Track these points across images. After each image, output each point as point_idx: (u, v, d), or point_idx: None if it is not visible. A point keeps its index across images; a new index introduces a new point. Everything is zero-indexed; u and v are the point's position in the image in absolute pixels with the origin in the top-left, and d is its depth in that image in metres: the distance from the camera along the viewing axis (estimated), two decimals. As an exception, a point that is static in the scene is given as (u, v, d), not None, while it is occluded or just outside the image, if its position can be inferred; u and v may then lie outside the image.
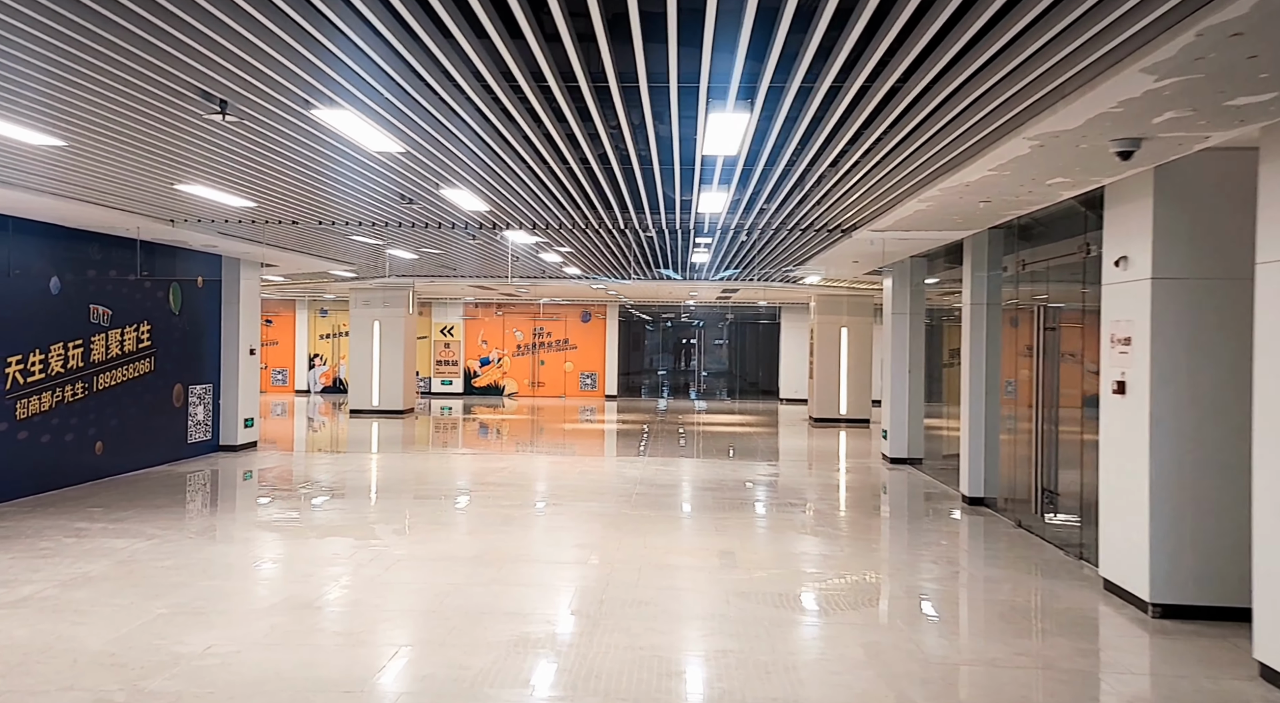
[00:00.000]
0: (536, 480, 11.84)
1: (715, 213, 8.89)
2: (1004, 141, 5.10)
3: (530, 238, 10.92)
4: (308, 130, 5.74)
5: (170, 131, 5.82)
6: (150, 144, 6.15)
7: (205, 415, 13.21)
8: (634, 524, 8.90)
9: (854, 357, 21.18)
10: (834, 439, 17.96)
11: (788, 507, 10.18)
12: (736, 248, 12.00)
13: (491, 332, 28.08)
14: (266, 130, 5.70)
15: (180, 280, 12.42)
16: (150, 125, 5.64)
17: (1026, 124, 4.73)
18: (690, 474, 12.49)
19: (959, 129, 5.17)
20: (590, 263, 14.67)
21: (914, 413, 13.94)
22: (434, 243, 11.77)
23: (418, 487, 11.20)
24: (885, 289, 14.43)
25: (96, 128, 5.68)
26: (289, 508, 9.67)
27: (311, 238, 11.34)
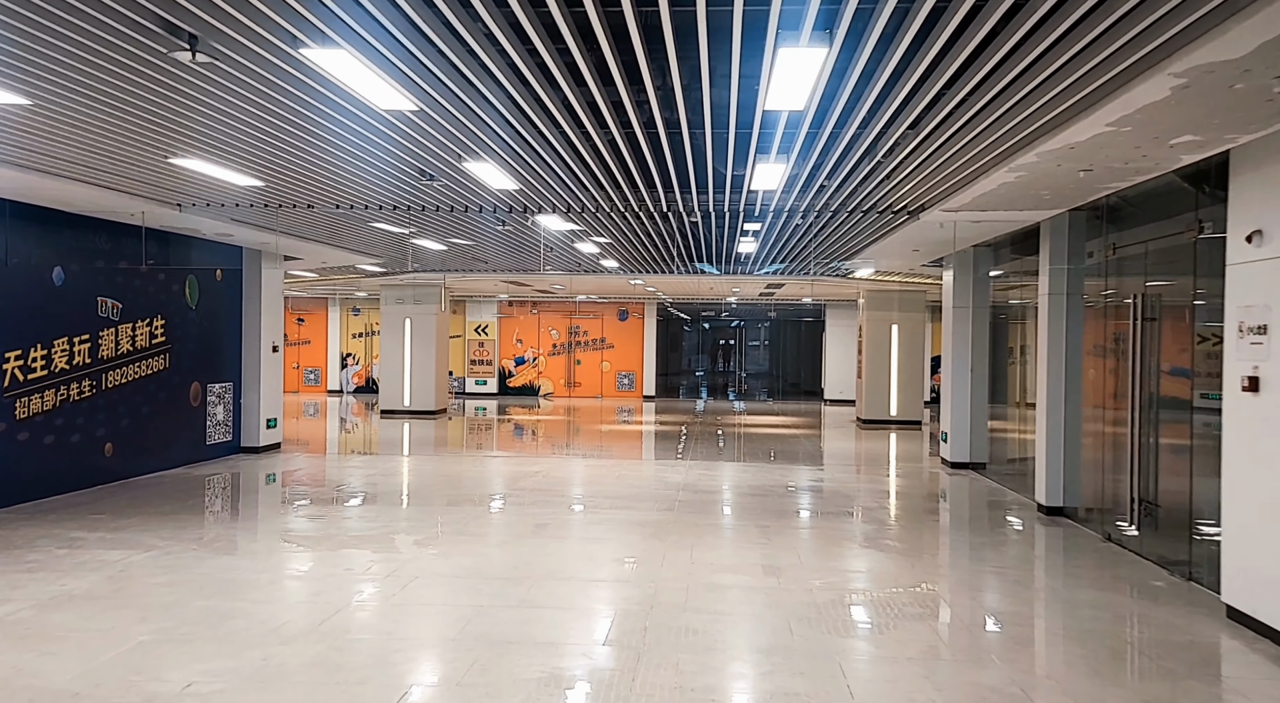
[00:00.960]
0: (572, 485, 11.04)
1: (770, 191, 8.03)
2: (1138, 83, 4.19)
3: (564, 224, 10.12)
4: (303, 81, 4.98)
5: (147, 87, 5.10)
6: (127, 104, 5.44)
7: (225, 415, 12.59)
8: (678, 535, 8.07)
9: (905, 355, 20.16)
10: (885, 442, 16.97)
11: (843, 516, 9.28)
12: (788, 236, 11.11)
13: (527, 330, 27.41)
14: (254, 79, 4.95)
15: (197, 273, 11.80)
16: (122, 78, 4.92)
17: (1176, 54, 3.82)
18: (735, 479, 11.62)
19: (1082, 68, 4.27)
20: (629, 255, 13.86)
21: (976, 414, 12.94)
22: (462, 232, 11.03)
23: (446, 492, 10.46)
24: (945, 282, 13.45)
25: (62, 81, 4.96)
26: (306, 516, 8.96)
27: (330, 225, 10.65)
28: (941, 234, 9.89)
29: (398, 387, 20.39)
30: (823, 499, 10.37)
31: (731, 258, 13.93)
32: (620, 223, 10.37)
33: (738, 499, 10.14)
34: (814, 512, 9.57)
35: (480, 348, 27.30)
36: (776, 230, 10.67)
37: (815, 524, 8.84)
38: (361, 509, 9.27)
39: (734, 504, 9.84)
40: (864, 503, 10.14)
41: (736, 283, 18.75)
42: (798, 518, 9.15)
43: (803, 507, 9.85)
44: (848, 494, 10.72)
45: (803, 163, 6.95)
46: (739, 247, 12.62)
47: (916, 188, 7.58)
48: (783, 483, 11.38)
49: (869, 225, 9.87)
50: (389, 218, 9.70)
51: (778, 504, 9.85)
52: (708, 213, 9.33)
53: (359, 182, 7.80)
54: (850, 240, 11.32)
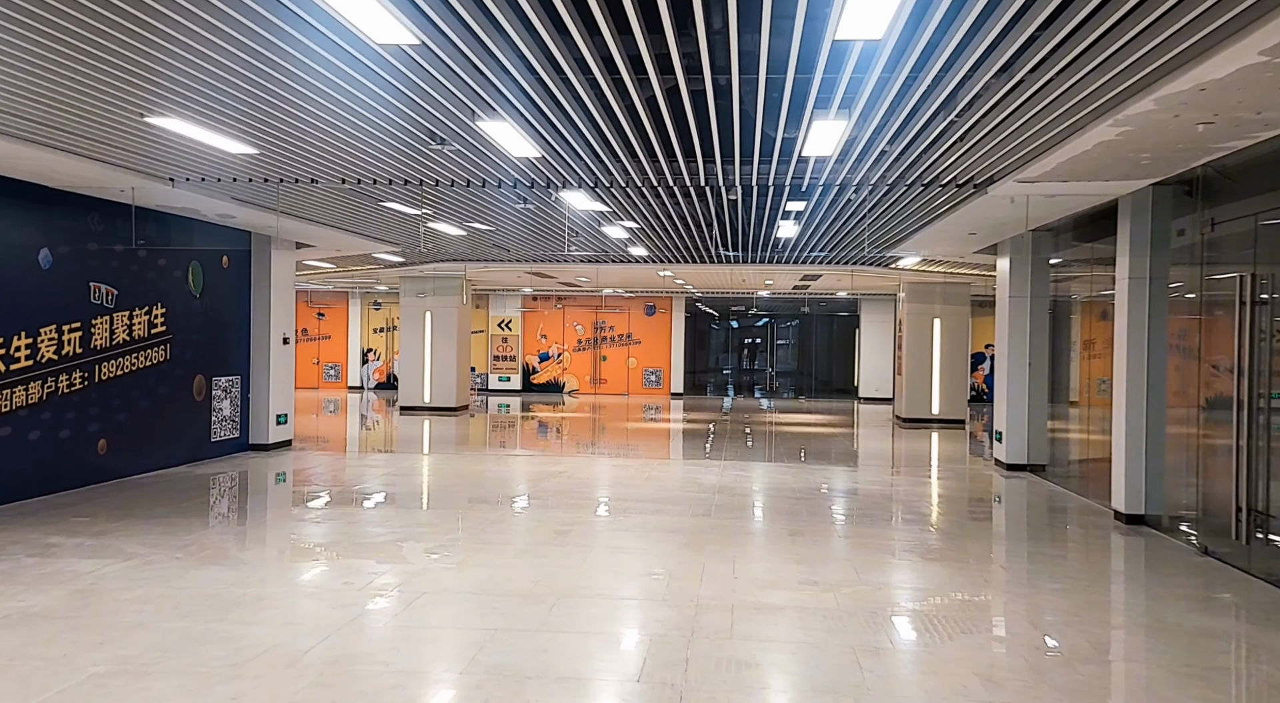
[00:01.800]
0: (598, 487, 10.22)
1: (823, 159, 7.15)
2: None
3: (591, 203, 9.28)
4: (290, 10, 4.18)
5: (111, 25, 4.32)
6: (91, 47, 4.67)
7: (232, 411, 11.89)
8: (716, 544, 7.22)
9: (948, 351, 19.18)
10: (930, 442, 16.01)
11: (898, 523, 8.38)
12: (834, 217, 10.20)
13: (551, 325, 26.65)
14: (233, 10, 4.15)
15: (201, 259, 11.10)
16: (83, 15, 4.15)
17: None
18: (773, 481, 10.74)
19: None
20: (659, 242, 13.01)
21: (1035, 412, 11.97)
22: (480, 213, 10.23)
23: (463, 493, 9.68)
24: (999, 271, 12.49)
25: (15, 23, 4.20)
26: (309, 520, 8.20)
27: (339, 206, 9.89)
28: (1006, 213, 8.96)
29: (418, 383, 19.68)
30: (872, 504, 9.47)
31: (769, 244, 13.03)
32: (652, 202, 9.52)
33: (779, 504, 9.27)
34: (864, 518, 8.68)
35: (503, 343, 26.57)
36: (823, 210, 9.77)
37: (869, 533, 7.95)
38: (372, 512, 8.50)
39: (776, 509, 8.97)
40: (918, 509, 9.23)
41: (771, 273, 17.86)
42: (848, 526, 8.27)
43: (851, 513, 8.96)
44: (899, 499, 9.81)
45: (866, 122, 6.07)
46: (778, 231, 11.73)
47: (992, 153, 6.66)
48: (826, 486, 10.49)
49: (927, 203, 8.96)
50: (400, 195, 8.92)
51: (823, 510, 8.97)
52: (749, 188, 8.46)
53: (363, 149, 7.01)
54: (903, 222, 10.40)
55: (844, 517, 8.71)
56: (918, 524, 8.39)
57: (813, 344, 31.08)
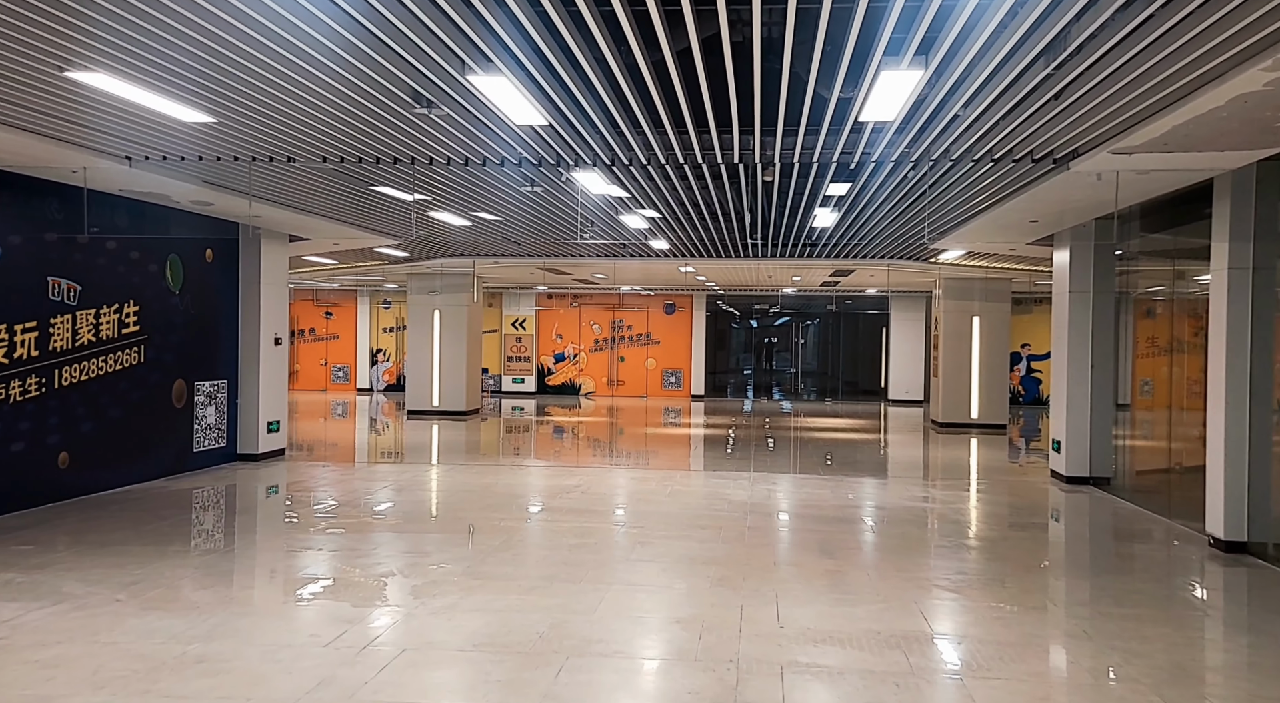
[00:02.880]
0: (616, 504, 9.17)
1: (882, 126, 6.06)
2: None
3: (606, 185, 8.22)
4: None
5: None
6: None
7: (218, 418, 10.92)
8: (754, 580, 6.15)
9: (987, 351, 18.03)
10: (972, 449, 14.85)
11: (959, 551, 7.28)
12: (880, 201, 9.09)
13: (567, 325, 25.63)
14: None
15: (181, 252, 10.12)
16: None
17: None
18: (810, 498, 9.65)
19: None
20: (681, 234, 11.95)
21: (1099, 419, 10.83)
22: (483, 199, 9.20)
23: (465, 513, 8.65)
24: (1057, 264, 11.34)
25: None
26: (285, 547, 7.19)
27: (327, 192, 8.89)
28: (1084, 195, 7.83)
29: (426, 385, 18.70)
30: (924, 526, 8.37)
31: (802, 236, 11.94)
32: (677, 185, 8.46)
33: (820, 526, 8.18)
34: (919, 545, 7.57)
35: (517, 343, 25.58)
36: (868, 195, 8.67)
37: (928, 565, 6.85)
38: (357, 538, 7.48)
39: (817, 533, 7.88)
40: (979, 532, 8.11)
41: (801, 269, 16.75)
42: (902, 555, 7.17)
43: (902, 537, 7.86)
44: (952, 519, 8.70)
45: (941, 76, 4.99)
46: (814, 220, 10.63)
47: (1092, 115, 5.55)
48: (870, 503, 9.40)
49: (993, 184, 7.84)
50: (391, 177, 7.89)
51: (871, 533, 7.88)
52: (788, 166, 7.38)
53: (339, 116, 5.99)
54: (957, 209, 9.28)
55: (896, 543, 7.61)
56: (981, 553, 7.28)
57: (838, 344, 29.91)
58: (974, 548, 7.43)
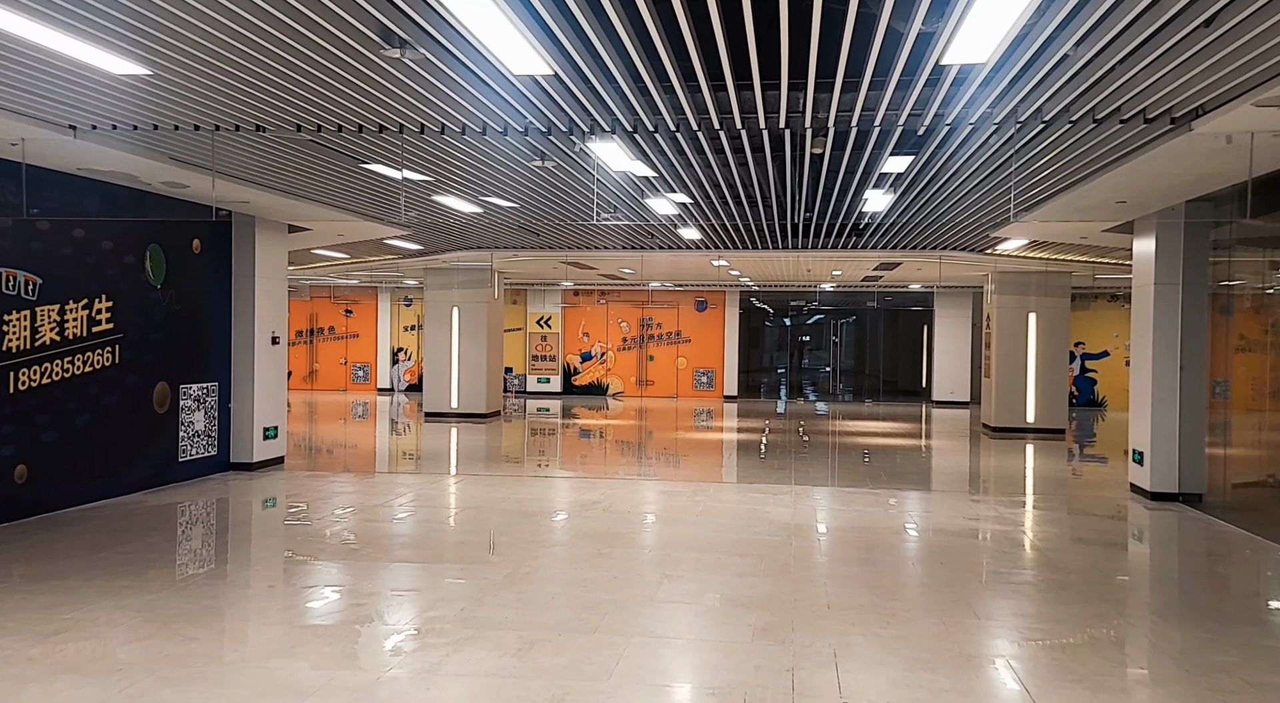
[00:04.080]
0: (640, 525, 8.09)
1: (968, 71, 4.91)
2: None
3: (628, 161, 7.13)
4: None
5: None
6: None
7: (208, 424, 9.99)
8: (806, 630, 5.05)
9: (1045, 350, 16.72)
10: (1032, 458, 13.59)
11: (1045, 590, 6.10)
12: (948, 176, 7.92)
13: (594, 322, 24.58)
14: None
15: (163, 242, 9.18)
16: None
17: None
18: (860, 517, 8.51)
19: None
20: (715, 219, 10.84)
21: (1189, 427, 9.57)
22: (491, 179, 8.16)
23: (470, 536, 7.62)
24: (1139, 253, 10.09)
25: None
26: (255, 582, 6.19)
27: (315, 172, 7.89)
28: (1196, 165, 6.61)
29: (444, 386, 17.74)
30: (1000, 556, 7.19)
31: (851, 221, 10.77)
32: (712, 159, 7.36)
33: (879, 556, 7.05)
34: (999, 581, 6.41)
35: (542, 342, 24.59)
36: (935, 166, 7.50)
37: (1016, 609, 5.70)
38: (339, 569, 6.47)
39: (876, 566, 6.75)
40: (1062, 563, 6.91)
41: (844, 261, 15.55)
42: (981, 594, 6.02)
43: (977, 569, 6.69)
44: (1033, 546, 7.51)
45: (1052, 6, 3.85)
46: (865, 204, 9.48)
47: (1238, 55, 4.37)
48: (929, 524, 8.23)
49: (1089, 151, 6.63)
50: (378, 150, 6.86)
51: (941, 566, 6.72)
52: (843, 134, 6.26)
53: (298, 65, 4.95)
54: (1036, 186, 8.07)
55: (969, 578, 6.45)
56: (1072, 592, 6.10)
57: (877, 342, 28.61)
58: (1061, 586, 6.25)
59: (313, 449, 13.44)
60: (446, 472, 11.46)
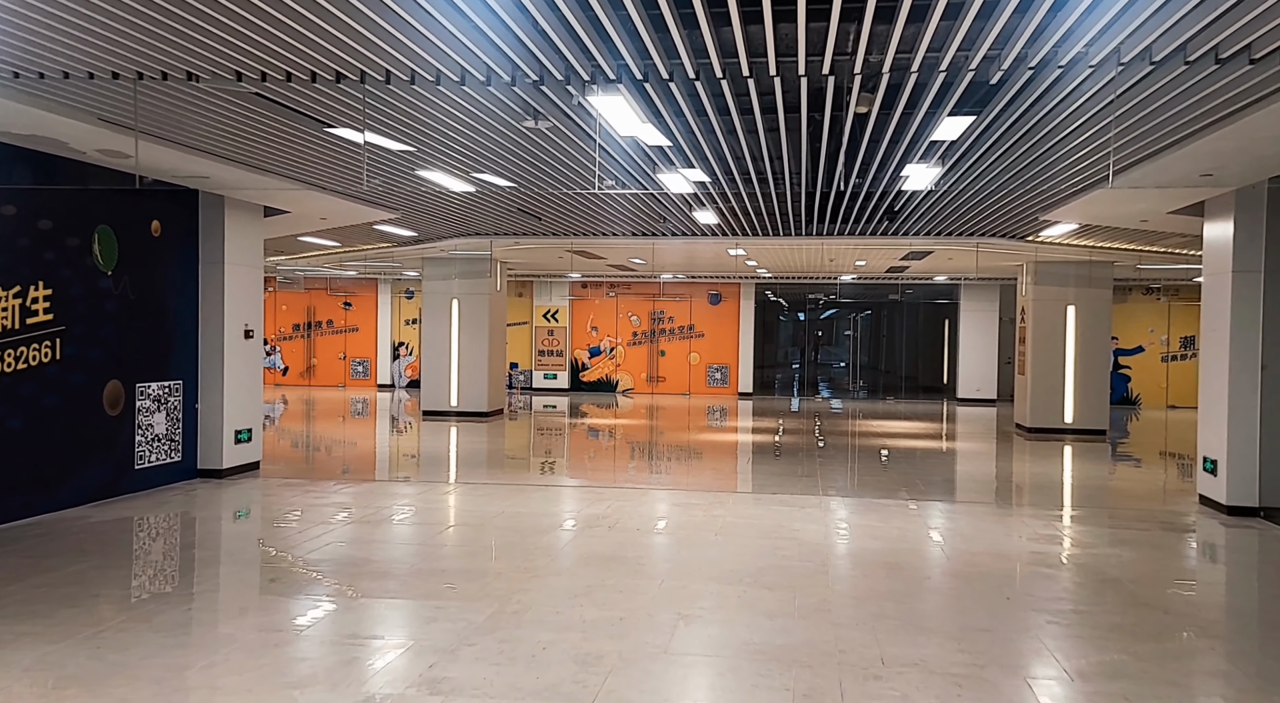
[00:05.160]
0: (650, 547, 7.03)
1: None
2: None
3: (637, 123, 6.05)
4: None
5: None
6: None
7: (170, 427, 8.98)
8: (859, 697, 3.99)
9: (1084, 346, 15.59)
10: (1078, 462, 12.48)
11: (1155, 636, 5.02)
12: (1015, 138, 6.81)
13: (603, 316, 23.53)
14: None
15: (115, 222, 8.17)
16: None
17: None
18: (906, 538, 7.45)
19: None
20: (736, 203, 9.76)
21: (1272, 434, 8.47)
22: (476, 144, 7.10)
23: (453, 563, 6.59)
24: (1210, 238, 8.97)
25: None
26: (184, 624, 5.15)
27: (271, 138, 6.86)
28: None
29: (443, 383, 16.72)
30: (1076, 587, 6.11)
31: (886, 202, 9.69)
32: (737, 120, 6.28)
33: (931, 587, 5.98)
34: (1083, 623, 5.32)
35: (549, 336, 23.55)
36: (1001, 128, 6.39)
37: (1113, 660, 4.61)
38: (291, 608, 5.44)
39: (931, 600, 5.68)
40: (1147, 597, 5.82)
41: (871, 249, 14.44)
42: (1065, 644, 4.93)
43: (1054, 609, 5.61)
44: (1110, 576, 6.41)
45: None
46: (904, 181, 8.39)
47: None
48: (984, 546, 7.15)
49: (1195, 106, 5.52)
50: (339, 108, 5.80)
51: (1008, 600, 5.63)
52: (896, 85, 5.18)
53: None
54: (1119, 150, 6.94)
55: (1046, 620, 5.36)
56: (1181, 641, 5.01)
57: (898, 336, 27.46)
58: (1161, 631, 5.17)
59: (296, 452, 12.44)
60: (439, 479, 10.43)
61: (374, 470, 11.08)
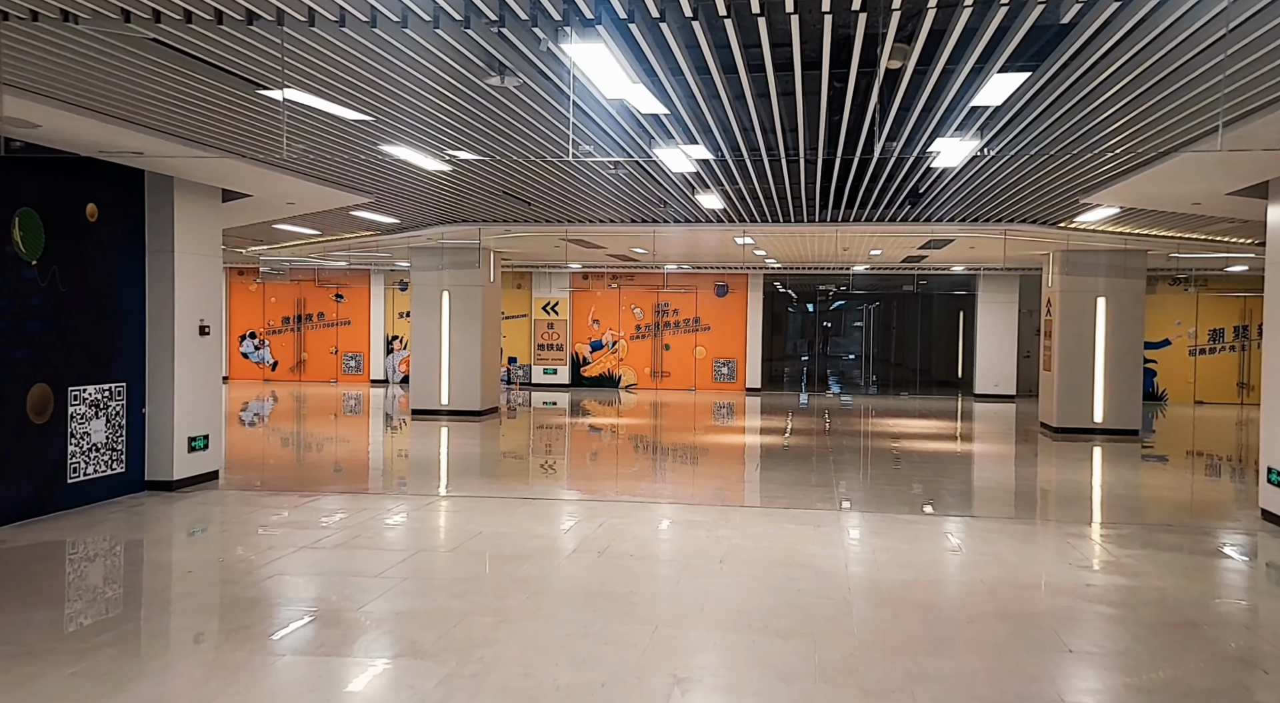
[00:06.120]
0: (645, 578, 6.07)
1: None
2: None
3: (625, 78, 5.07)
4: None
5: None
6: None
7: (112, 435, 8.06)
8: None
9: (1116, 340, 14.58)
10: (1114, 467, 11.48)
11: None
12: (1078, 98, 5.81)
13: (605, 309, 22.57)
14: None
15: (42, 205, 7.23)
16: None
17: None
18: (942, 565, 6.49)
19: None
20: (744, 185, 8.78)
21: (1350, 444, 7.48)
22: (436, 109, 6.14)
23: (417, 600, 5.64)
24: (1275, 222, 7.96)
25: None
26: (51, 696, 4.23)
27: (191, 99, 5.91)
28: None
29: (433, 380, 15.77)
30: (1147, 630, 5.13)
31: (914, 178, 8.70)
32: (745, 80, 5.30)
33: (980, 635, 5.00)
34: (1174, 684, 4.35)
35: (549, 330, 22.60)
36: (1067, 83, 5.39)
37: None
38: (206, 669, 4.51)
39: (984, 652, 4.71)
40: (1261, 655, 4.85)
41: (888, 238, 13.43)
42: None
43: (1128, 659, 4.63)
44: (1189, 618, 5.43)
45: None
46: (935, 155, 7.39)
47: None
48: (1031, 576, 6.18)
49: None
50: (263, 59, 4.84)
51: (1072, 653, 4.66)
52: (940, 30, 4.19)
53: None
54: (1199, 113, 5.94)
55: (1123, 684, 4.39)
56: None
57: (912, 329, 26.43)
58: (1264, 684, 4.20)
59: (267, 458, 11.52)
60: (415, 491, 9.50)
61: (346, 480, 10.15)
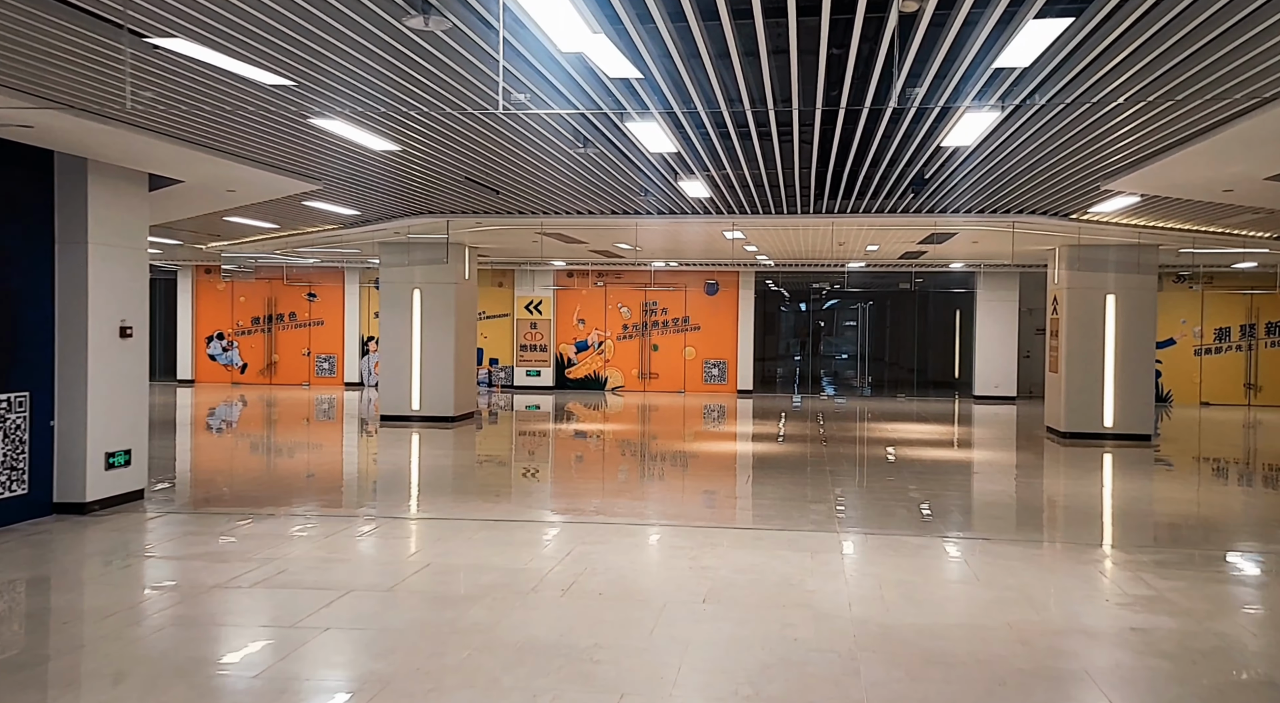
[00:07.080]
0: (613, 626, 5.13)
1: None
2: None
3: (584, 26, 4.14)
4: None
5: None
6: None
7: (11, 452, 7.09)
8: None
9: (1126, 340, 13.74)
10: (1131, 477, 10.62)
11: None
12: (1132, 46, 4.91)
13: (590, 308, 21.65)
14: None
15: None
16: None
17: None
18: (961, 603, 5.59)
19: None
20: (731, 170, 7.87)
21: None
22: (345, 58, 5.21)
23: (331, 661, 4.71)
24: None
25: None
26: None
27: (53, 49, 4.97)
28: None
29: (404, 384, 14.81)
30: (1224, 698, 4.23)
31: (920, 160, 7.79)
32: (730, 33, 4.38)
33: (1016, 697, 4.11)
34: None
35: (532, 330, 21.67)
36: (1137, 16, 4.47)
37: None
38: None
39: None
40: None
41: (886, 231, 12.53)
42: None
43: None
44: (1270, 679, 4.54)
45: None
46: (948, 132, 6.49)
47: None
48: (1067, 618, 5.28)
49: None
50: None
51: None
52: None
53: None
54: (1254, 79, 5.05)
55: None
56: None
57: (908, 329, 25.56)
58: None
59: (207, 471, 10.56)
60: (365, 511, 8.57)
61: (290, 497, 9.18)
